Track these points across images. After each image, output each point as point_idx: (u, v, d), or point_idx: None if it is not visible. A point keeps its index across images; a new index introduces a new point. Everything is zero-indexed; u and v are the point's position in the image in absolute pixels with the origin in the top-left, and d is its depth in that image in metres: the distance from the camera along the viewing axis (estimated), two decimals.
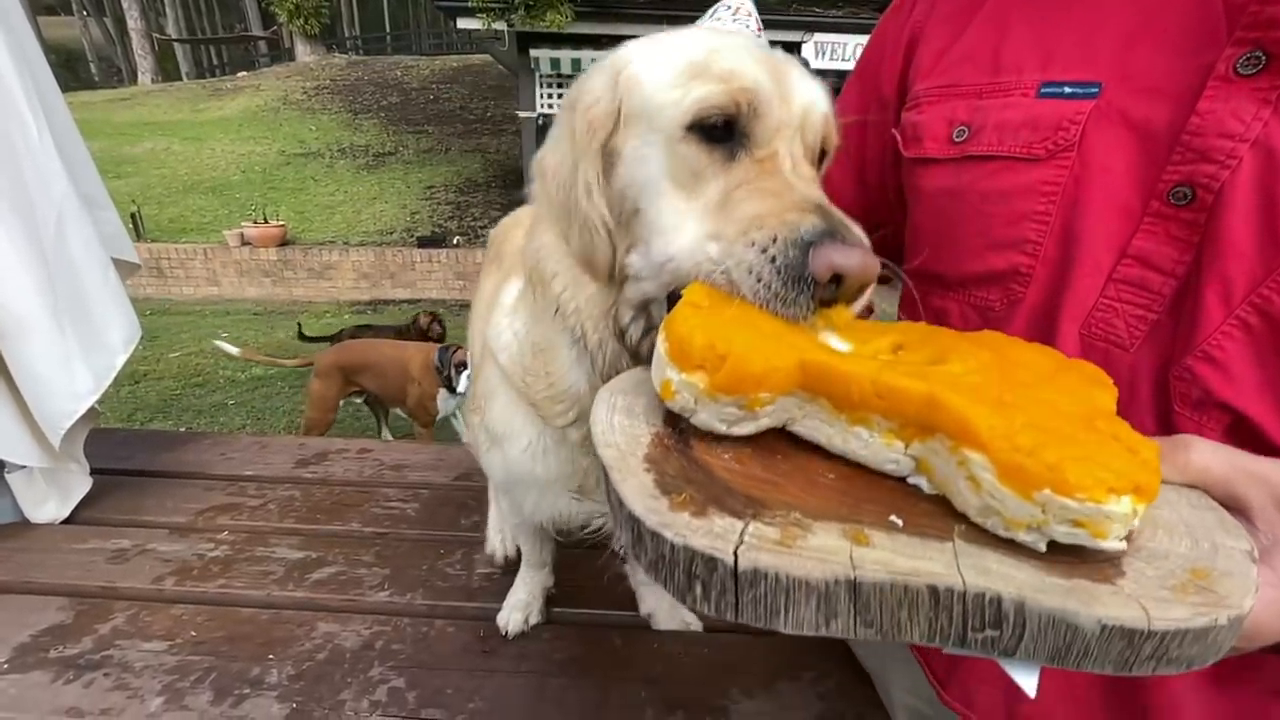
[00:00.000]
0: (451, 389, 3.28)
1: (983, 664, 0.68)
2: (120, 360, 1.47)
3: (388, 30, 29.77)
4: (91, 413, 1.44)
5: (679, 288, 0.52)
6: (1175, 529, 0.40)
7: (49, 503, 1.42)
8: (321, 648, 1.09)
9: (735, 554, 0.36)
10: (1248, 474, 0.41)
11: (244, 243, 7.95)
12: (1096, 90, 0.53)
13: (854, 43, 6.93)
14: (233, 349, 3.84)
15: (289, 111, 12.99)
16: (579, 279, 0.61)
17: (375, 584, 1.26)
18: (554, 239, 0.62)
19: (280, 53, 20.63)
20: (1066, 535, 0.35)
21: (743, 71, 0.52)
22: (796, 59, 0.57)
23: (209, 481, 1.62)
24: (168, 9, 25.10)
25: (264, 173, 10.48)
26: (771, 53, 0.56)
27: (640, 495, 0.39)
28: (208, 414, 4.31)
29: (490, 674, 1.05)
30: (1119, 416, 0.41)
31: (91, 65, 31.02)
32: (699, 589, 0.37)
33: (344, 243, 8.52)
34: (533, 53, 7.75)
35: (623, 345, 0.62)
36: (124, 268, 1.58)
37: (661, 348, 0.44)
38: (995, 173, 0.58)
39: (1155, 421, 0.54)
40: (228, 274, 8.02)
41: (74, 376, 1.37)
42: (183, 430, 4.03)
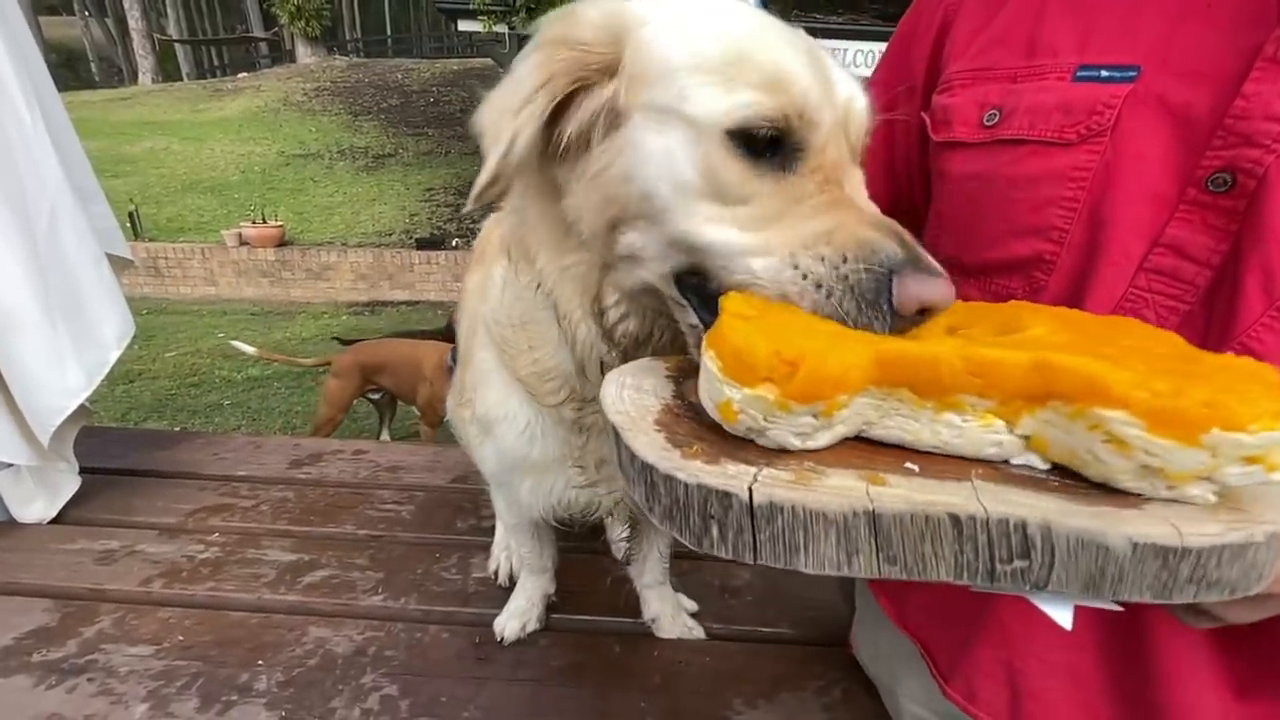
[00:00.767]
0: None
1: (986, 658, 0.67)
2: (113, 356, 1.44)
3: (389, 33, 29.86)
4: (82, 410, 1.41)
5: (691, 271, 0.50)
6: None
7: (36, 502, 1.39)
8: (312, 653, 1.06)
9: (750, 490, 0.35)
10: None
11: (242, 243, 7.92)
12: (1135, 74, 0.52)
13: (854, 49, 6.95)
14: (249, 348, 3.81)
15: (289, 113, 12.99)
16: (554, 247, 0.58)
17: (368, 588, 1.23)
18: (538, 207, 0.58)
19: (281, 54, 20.66)
20: (1240, 476, 0.33)
21: (792, 75, 0.47)
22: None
23: (201, 481, 1.60)
24: (169, 9, 25.14)
25: (263, 173, 10.46)
26: (802, 36, 0.51)
27: (652, 448, 0.39)
28: (203, 414, 4.27)
29: (485, 681, 1.02)
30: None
31: (92, 65, 31.04)
32: (715, 530, 0.36)
33: (342, 244, 8.50)
34: None
35: (600, 326, 0.59)
36: (117, 264, 1.56)
37: (713, 366, 0.40)
38: (1024, 157, 0.57)
39: None
40: (225, 274, 7.98)
41: (65, 372, 1.34)
42: (177, 430, 4.00)
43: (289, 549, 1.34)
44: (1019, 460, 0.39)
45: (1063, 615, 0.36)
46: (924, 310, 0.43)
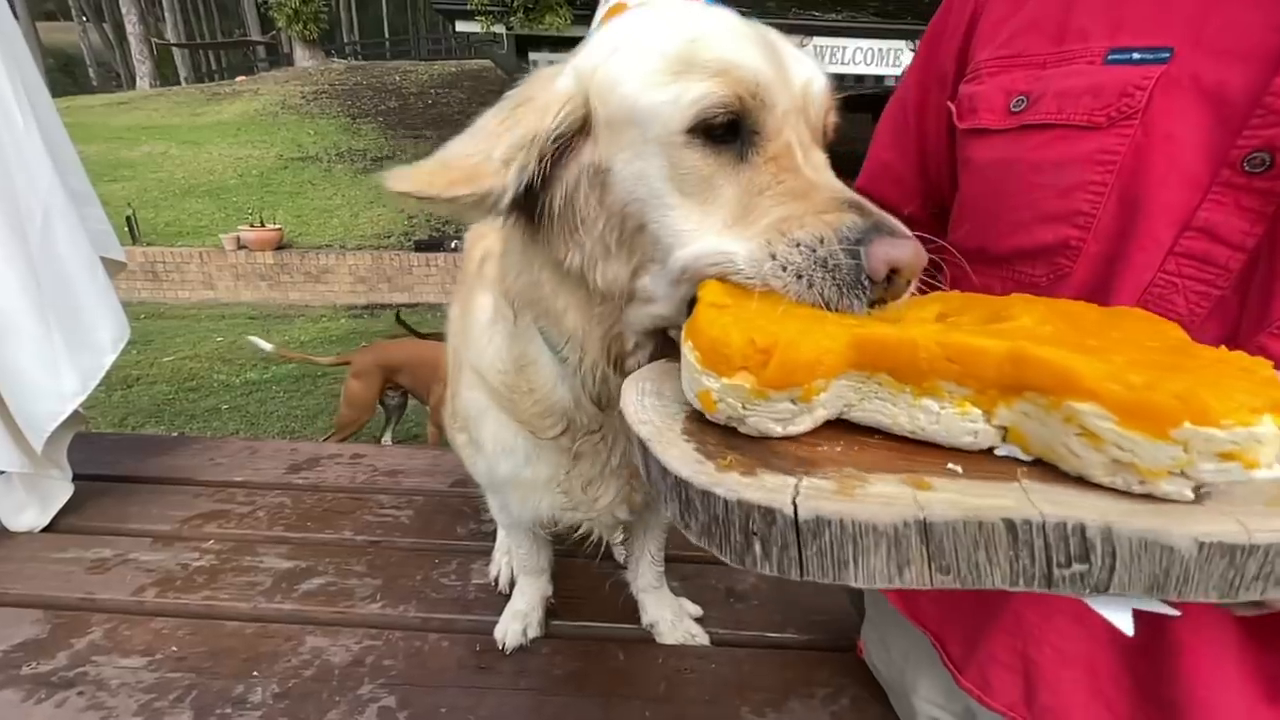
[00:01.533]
0: None
1: (1001, 647, 0.66)
2: (108, 360, 1.42)
3: (386, 36, 29.86)
4: (76, 417, 1.39)
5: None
6: None
7: (28, 510, 1.37)
8: (309, 664, 1.04)
9: (794, 504, 0.34)
10: None
11: (240, 246, 7.90)
12: (1168, 55, 0.50)
13: (853, 46, 6.94)
14: (266, 345, 3.79)
15: (287, 116, 12.97)
16: (579, 305, 0.57)
17: (366, 595, 1.21)
18: (553, 272, 0.57)
19: (279, 57, 20.65)
20: (1216, 473, 0.32)
21: (739, 60, 0.48)
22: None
23: (197, 488, 1.57)
24: (166, 14, 25.12)
25: (261, 176, 10.44)
26: (754, 26, 0.51)
27: (685, 461, 0.37)
28: (201, 419, 4.25)
29: (486, 691, 1.00)
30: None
31: (90, 70, 31.04)
32: (758, 548, 0.35)
33: (341, 246, 8.47)
34: (532, 56, 7.76)
35: (617, 371, 0.60)
36: (111, 267, 1.54)
37: (691, 357, 0.40)
38: (1050, 142, 0.56)
39: None
40: (223, 278, 7.96)
41: (59, 377, 1.32)
42: (174, 435, 3.97)
43: (285, 556, 1.32)
44: (1001, 452, 0.38)
45: (1122, 619, 0.34)
46: (895, 272, 0.43)
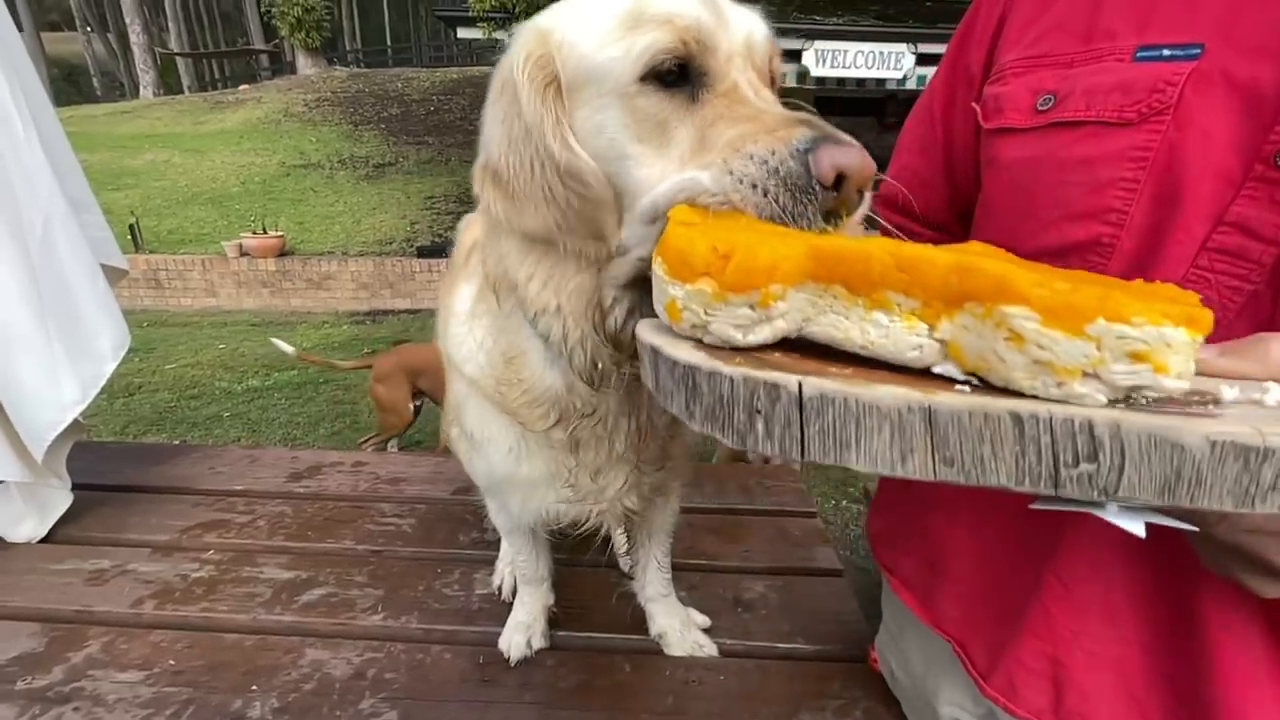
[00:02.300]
0: None
1: (1029, 651, 0.64)
2: (109, 368, 1.41)
3: (389, 43, 30.04)
4: (76, 425, 1.38)
5: None
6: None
7: (27, 521, 1.35)
8: (309, 677, 1.02)
9: (799, 383, 0.35)
10: None
11: (243, 254, 7.91)
12: (1198, 51, 0.50)
13: (854, 49, 6.94)
14: (288, 347, 3.79)
15: (290, 123, 13.02)
16: (559, 273, 0.59)
17: (368, 606, 1.19)
18: (519, 242, 0.60)
19: (282, 66, 20.77)
20: (1126, 375, 0.32)
21: (681, 10, 0.52)
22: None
23: (196, 497, 1.56)
24: (170, 24, 25.32)
25: (264, 184, 10.47)
26: None
27: (693, 354, 0.39)
28: (202, 426, 4.24)
29: (490, 705, 0.98)
30: None
31: (94, 79, 31.29)
32: (761, 426, 0.36)
33: (343, 253, 8.48)
34: None
35: (603, 336, 0.60)
36: (112, 274, 1.53)
37: (660, 271, 0.43)
38: (1080, 139, 0.55)
39: None
40: (225, 285, 7.96)
41: (60, 386, 1.31)
42: (176, 443, 3.96)
43: (286, 566, 1.30)
44: (939, 369, 0.38)
45: (1135, 526, 0.34)
46: (843, 177, 0.46)
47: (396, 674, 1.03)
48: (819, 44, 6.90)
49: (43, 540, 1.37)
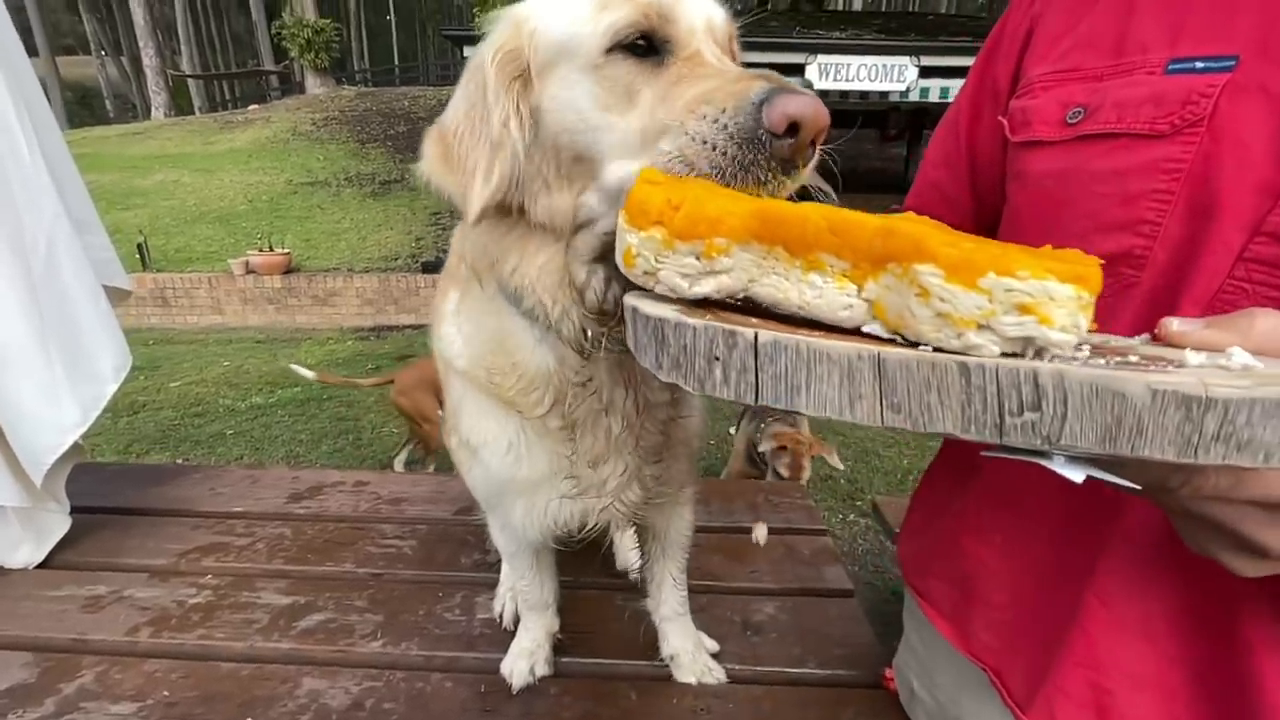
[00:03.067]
0: None
1: (1070, 679, 0.61)
2: (110, 390, 1.40)
3: (396, 63, 30.55)
4: (76, 448, 1.36)
5: None
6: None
7: (24, 546, 1.34)
8: (305, 708, 0.99)
9: (755, 331, 0.37)
10: None
11: (249, 271, 7.97)
12: (1232, 63, 0.49)
13: (857, 63, 6.98)
14: (308, 372, 3.80)
15: (298, 142, 13.21)
16: (526, 251, 0.61)
17: (367, 632, 1.16)
18: (492, 222, 0.62)
19: (291, 86, 21.12)
20: (1015, 326, 0.34)
21: None
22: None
23: (196, 519, 1.54)
24: (182, 47, 25.85)
25: (271, 202, 10.59)
26: None
27: (665, 309, 0.42)
28: (206, 444, 4.23)
29: None
30: None
31: (107, 102, 31.92)
32: (719, 372, 0.38)
33: (348, 269, 8.54)
34: None
35: (585, 308, 0.61)
36: (116, 295, 1.53)
37: (620, 220, 0.46)
38: (1111, 151, 0.54)
39: None
40: (231, 302, 8.02)
41: (60, 408, 1.29)
42: (180, 462, 3.96)
43: (284, 591, 1.27)
44: (867, 329, 0.40)
45: (1075, 475, 0.35)
46: (795, 126, 0.47)
47: (395, 704, 1.00)
48: (822, 58, 6.95)
49: (40, 565, 1.35)
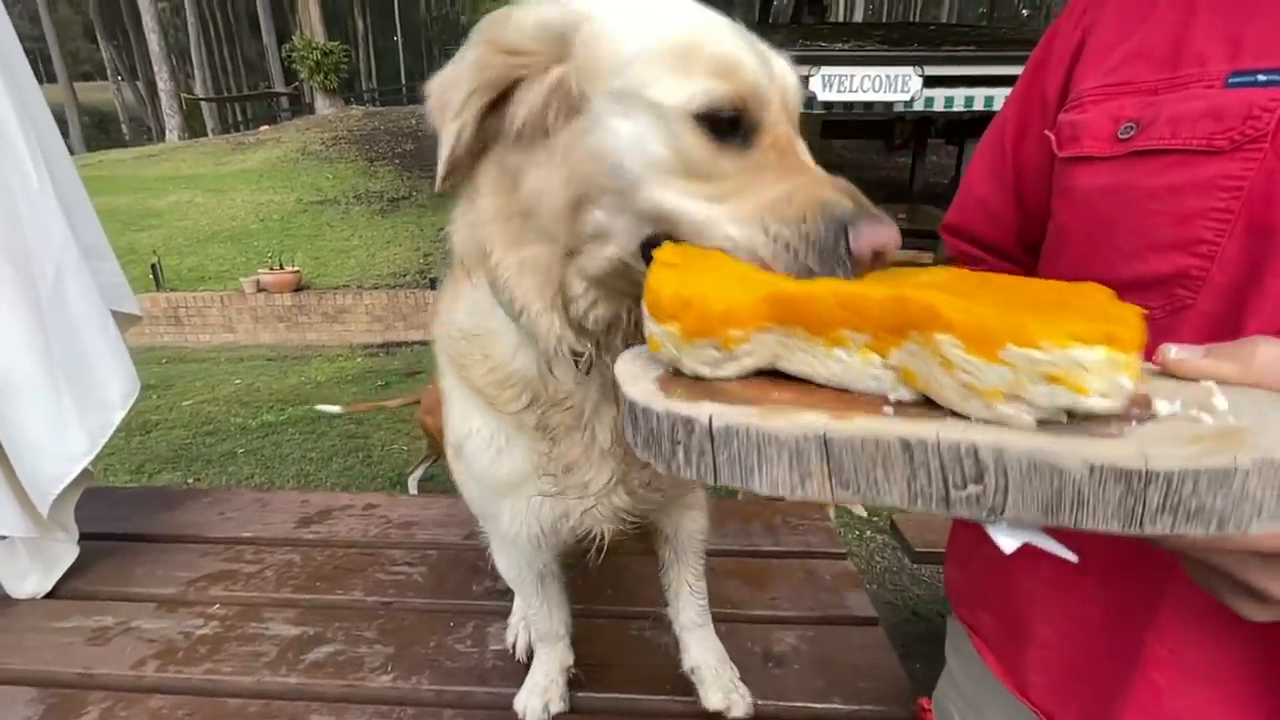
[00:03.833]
0: None
1: (1120, 709, 0.57)
2: (118, 417, 1.39)
3: (403, 82, 31.07)
4: (84, 474, 1.35)
5: (663, 237, 0.52)
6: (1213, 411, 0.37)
7: (31, 576, 1.32)
8: None
9: (710, 417, 0.39)
10: None
11: (260, 289, 8.05)
12: None
13: (861, 74, 7.00)
14: (335, 408, 3.80)
15: (307, 161, 13.41)
16: (526, 247, 0.60)
17: (377, 665, 1.13)
18: (494, 205, 0.60)
19: (301, 107, 21.49)
20: (1047, 397, 0.33)
21: (743, 62, 0.53)
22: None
23: (205, 545, 1.52)
24: (196, 71, 26.44)
25: (282, 221, 10.73)
26: (740, 28, 0.56)
27: (642, 391, 0.43)
28: (217, 463, 4.24)
29: None
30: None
31: (123, 126, 32.64)
32: (681, 454, 0.40)
33: (358, 286, 8.60)
34: None
35: (566, 317, 0.61)
36: (126, 320, 1.52)
37: (644, 306, 0.47)
38: (1166, 168, 0.51)
39: None
40: (243, 320, 8.09)
41: (67, 437, 1.29)
42: (191, 481, 3.96)
43: (293, 621, 1.25)
44: (894, 395, 0.40)
45: (1007, 544, 0.35)
46: (878, 255, 0.47)
47: None
48: (825, 69, 6.97)
49: (48, 595, 1.33)
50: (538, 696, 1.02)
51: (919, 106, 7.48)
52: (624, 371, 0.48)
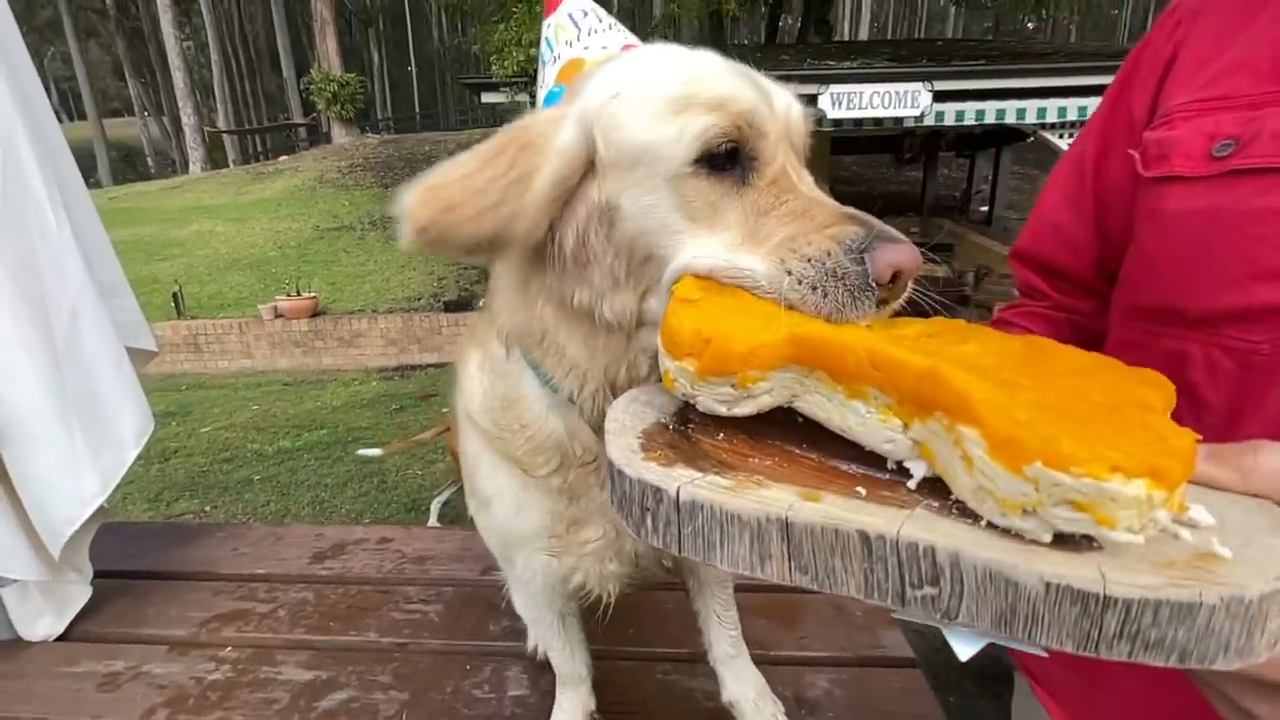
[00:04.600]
0: None
1: None
2: (131, 456, 1.38)
3: (417, 110, 31.86)
4: (100, 512, 1.34)
5: None
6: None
7: (44, 618, 1.30)
8: None
9: (678, 489, 0.38)
10: None
11: (277, 315, 8.17)
12: None
13: (869, 91, 7.02)
14: (376, 450, 3.83)
15: (324, 189, 13.72)
16: (590, 338, 0.60)
17: (391, 714, 1.09)
18: (555, 307, 0.60)
19: (319, 136, 22.08)
20: (1068, 521, 0.31)
21: (735, 94, 0.53)
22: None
23: (218, 583, 1.49)
24: (219, 105, 27.34)
25: (299, 247, 10.94)
26: (741, 65, 0.56)
27: (622, 450, 0.43)
28: (234, 491, 4.25)
29: None
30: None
31: (149, 159, 33.76)
32: (649, 521, 0.40)
33: (373, 310, 8.71)
34: None
35: (612, 390, 0.61)
36: (142, 356, 1.52)
37: (660, 342, 0.46)
38: (1270, 189, 0.48)
39: None
40: (260, 346, 8.21)
41: (80, 479, 1.27)
42: (208, 510, 3.97)
43: (306, 664, 1.21)
44: (909, 464, 0.39)
45: (966, 650, 0.34)
46: (897, 275, 0.47)
47: None
48: (834, 88, 7.00)
49: (60, 636, 1.31)
50: None
51: (929, 121, 7.47)
52: (613, 423, 0.47)
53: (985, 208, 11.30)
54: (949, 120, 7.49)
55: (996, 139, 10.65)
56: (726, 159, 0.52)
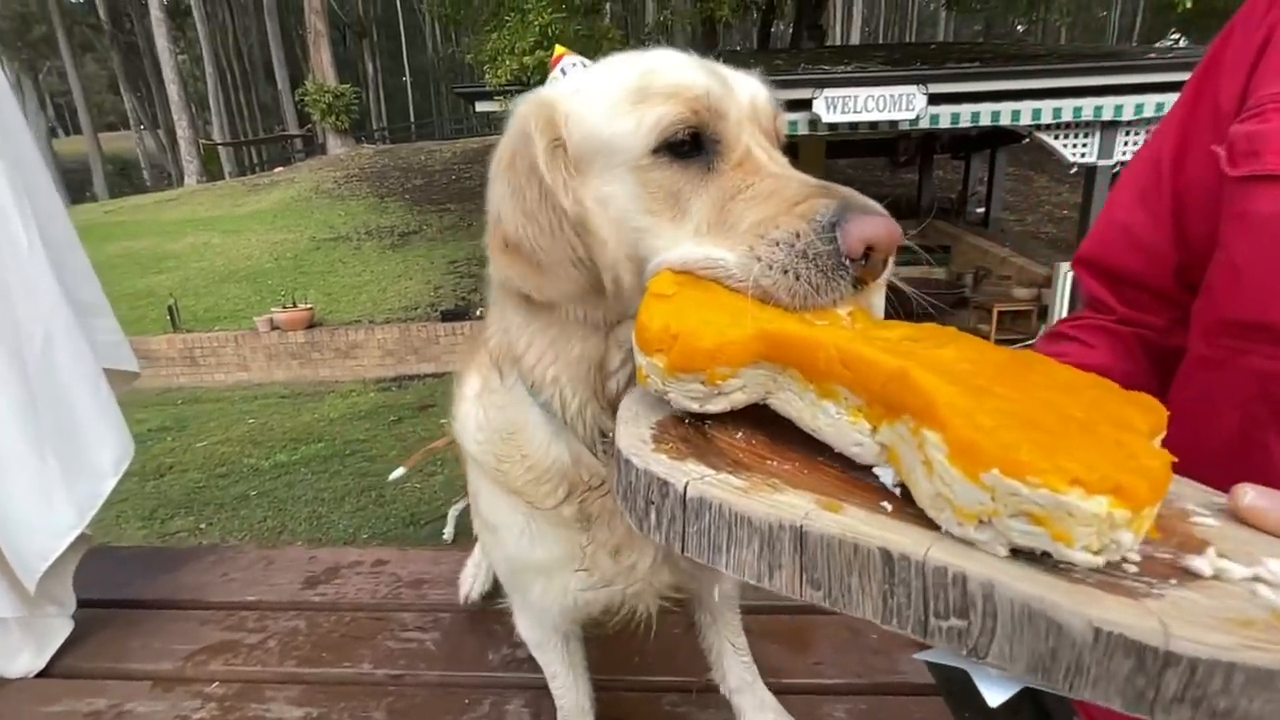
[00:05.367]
0: None
1: None
2: (109, 485, 1.32)
3: (412, 120, 31.94)
4: (82, 539, 1.28)
5: None
6: None
7: (23, 654, 1.24)
8: None
9: (685, 485, 0.37)
10: None
11: (273, 327, 8.12)
12: None
13: (864, 95, 7.02)
14: (400, 470, 3.81)
15: (320, 200, 13.69)
16: (559, 342, 0.59)
17: None
18: (522, 314, 0.60)
19: (314, 147, 22.09)
20: (1024, 535, 0.30)
21: (690, 82, 0.52)
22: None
23: (205, 612, 1.43)
24: (213, 117, 27.38)
25: (295, 259, 10.90)
26: (700, 59, 0.55)
27: (632, 439, 0.42)
28: (229, 507, 4.19)
29: None
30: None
31: (144, 172, 33.78)
32: (653, 515, 0.39)
33: (370, 321, 8.66)
34: None
35: (603, 402, 0.60)
36: (123, 378, 1.47)
37: (633, 338, 0.46)
38: None
39: None
40: (257, 359, 8.15)
41: (54, 511, 1.22)
42: (203, 528, 3.90)
43: (296, 700, 1.15)
44: (877, 470, 0.38)
45: (996, 696, 0.31)
46: (871, 249, 0.45)
47: None
48: (828, 92, 6.99)
49: (40, 673, 1.25)
50: None
51: (925, 124, 7.46)
52: (626, 411, 0.46)
53: (982, 209, 11.31)
54: (944, 123, 7.48)
55: (991, 141, 10.66)
56: (691, 146, 0.51)
